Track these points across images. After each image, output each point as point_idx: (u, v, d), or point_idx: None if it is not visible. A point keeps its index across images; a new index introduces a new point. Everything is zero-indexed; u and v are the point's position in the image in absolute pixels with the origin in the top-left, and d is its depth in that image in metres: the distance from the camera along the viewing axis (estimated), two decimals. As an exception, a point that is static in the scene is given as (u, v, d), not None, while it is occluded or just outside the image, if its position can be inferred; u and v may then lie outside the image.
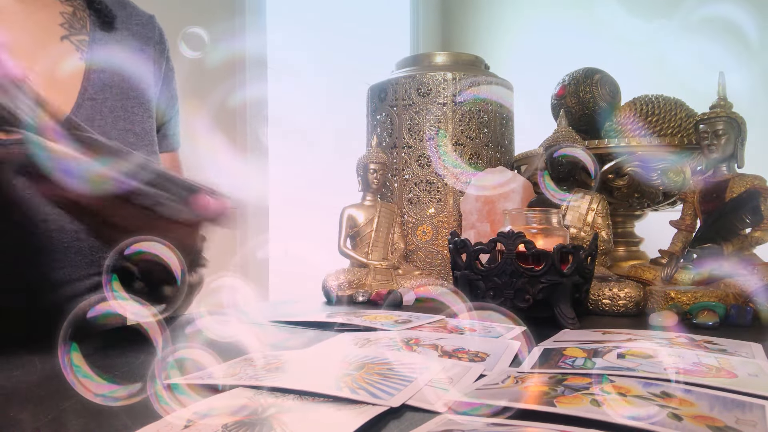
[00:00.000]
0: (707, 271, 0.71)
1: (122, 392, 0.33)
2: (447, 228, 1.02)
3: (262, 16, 1.75)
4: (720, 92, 0.79)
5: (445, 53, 1.10)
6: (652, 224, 1.16)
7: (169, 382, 0.38)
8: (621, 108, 1.08)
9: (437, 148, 0.66)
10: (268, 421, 0.31)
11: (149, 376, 0.37)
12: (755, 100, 1.44)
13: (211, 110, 1.57)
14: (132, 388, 0.33)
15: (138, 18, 0.81)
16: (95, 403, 0.36)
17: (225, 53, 1.63)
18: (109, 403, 0.32)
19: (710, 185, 0.79)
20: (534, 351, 0.49)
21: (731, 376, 0.40)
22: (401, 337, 0.53)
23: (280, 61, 1.86)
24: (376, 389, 0.36)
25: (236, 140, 1.65)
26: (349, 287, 0.88)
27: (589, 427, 0.30)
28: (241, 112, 1.67)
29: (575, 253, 0.65)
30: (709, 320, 0.63)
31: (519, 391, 0.36)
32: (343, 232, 0.95)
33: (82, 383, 0.31)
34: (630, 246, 1.11)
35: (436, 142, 0.67)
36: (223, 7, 1.62)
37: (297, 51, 1.97)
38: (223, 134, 1.61)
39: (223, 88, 1.63)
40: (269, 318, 0.68)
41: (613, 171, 0.98)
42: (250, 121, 1.68)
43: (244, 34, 1.67)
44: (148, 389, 0.33)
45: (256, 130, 1.71)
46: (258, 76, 1.73)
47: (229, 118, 1.64)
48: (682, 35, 1.89)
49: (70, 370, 0.31)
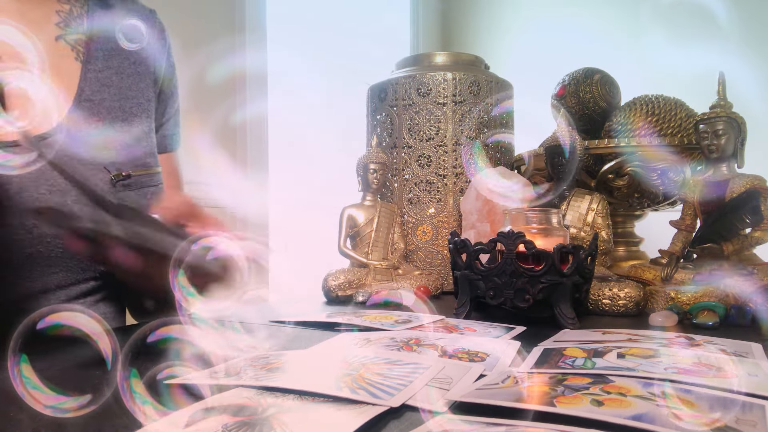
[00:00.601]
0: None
1: (72, 403, 0.33)
2: (447, 228, 1.02)
3: (262, 15, 1.74)
4: (720, 92, 0.79)
5: (445, 53, 1.10)
6: (652, 224, 1.16)
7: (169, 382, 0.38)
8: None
9: (471, 157, 0.65)
10: (268, 421, 0.31)
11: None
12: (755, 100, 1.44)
13: (210, 109, 1.58)
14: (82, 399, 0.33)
15: (138, 13, 0.78)
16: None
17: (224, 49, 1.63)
18: (58, 414, 0.32)
19: (710, 185, 0.79)
20: (534, 351, 0.49)
21: (731, 376, 0.40)
22: (401, 337, 0.53)
23: (280, 61, 1.86)
24: (376, 389, 0.36)
25: (236, 140, 1.64)
26: (349, 287, 0.88)
27: (589, 427, 0.30)
28: (241, 112, 1.66)
29: (575, 253, 0.65)
30: (709, 320, 0.63)
31: (519, 391, 0.36)
32: (343, 232, 0.95)
33: (32, 394, 0.31)
34: (630, 246, 1.11)
35: (469, 152, 0.66)
36: (223, 6, 1.62)
37: (297, 51, 1.97)
38: (223, 134, 1.61)
39: (223, 86, 1.63)
40: (269, 318, 0.68)
41: (613, 171, 0.98)
42: (251, 121, 1.68)
43: (244, 33, 1.67)
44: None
45: (257, 130, 1.70)
46: (258, 74, 1.72)
47: (229, 117, 1.64)
48: (683, 35, 1.89)
49: (19, 382, 0.31)
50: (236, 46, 1.65)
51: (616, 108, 1.13)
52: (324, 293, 0.88)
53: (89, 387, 0.39)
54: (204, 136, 0.94)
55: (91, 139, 0.67)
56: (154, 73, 0.77)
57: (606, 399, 0.34)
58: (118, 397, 0.33)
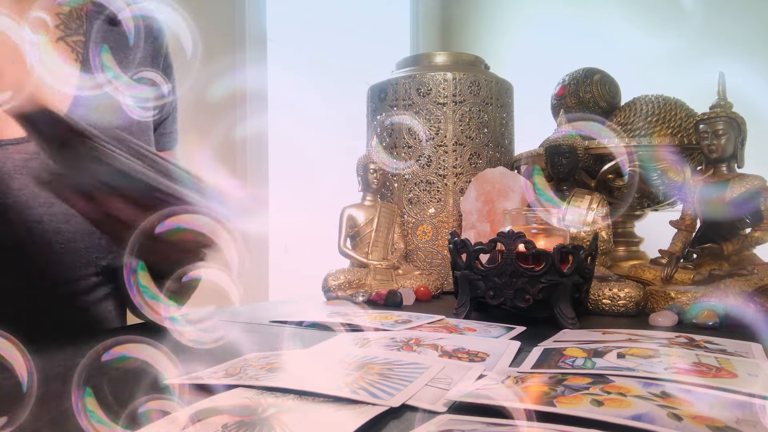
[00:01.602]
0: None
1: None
2: (447, 228, 1.02)
3: (262, 15, 1.74)
4: (720, 92, 0.79)
5: (445, 53, 1.10)
6: (652, 224, 1.16)
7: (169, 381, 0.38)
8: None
9: (533, 183, 0.65)
10: (268, 421, 0.31)
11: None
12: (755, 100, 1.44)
13: (209, 109, 1.58)
14: None
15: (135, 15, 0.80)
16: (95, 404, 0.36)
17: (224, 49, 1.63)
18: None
19: (710, 185, 0.79)
20: (534, 351, 0.49)
21: (731, 376, 0.40)
22: (401, 337, 0.53)
23: (281, 61, 1.86)
24: (376, 389, 0.36)
25: (236, 140, 1.64)
26: (349, 287, 0.88)
27: (589, 427, 0.30)
28: (241, 112, 1.67)
29: (575, 253, 0.65)
30: (709, 320, 0.63)
31: (519, 391, 0.36)
32: (343, 232, 0.95)
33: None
34: (630, 246, 1.11)
35: (530, 176, 0.66)
36: (223, 6, 1.62)
37: (297, 51, 1.97)
38: (222, 135, 1.61)
39: (224, 88, 1.63)
40: (269, 318, 0.68)
41: (613, 171, 0.98)
42: (251, 122, 1.68)
43: (244, 33, 1.67)
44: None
45: (257, 130, 1.70)
46: (258, 76, 1.72)
47: (228, 117, 1.64)
48: (683, 35, 1.89)
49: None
50: (236, 46, 1.65)
51: (616, 108, 1.13)
52: (324, 293, 0.88)
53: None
54: (204, 135, 0.94)
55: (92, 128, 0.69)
56: (153, 73, 0.78)
57: (606, 399, 0.34)
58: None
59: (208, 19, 1.56)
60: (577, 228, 0.85)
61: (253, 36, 1.70)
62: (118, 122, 0.72)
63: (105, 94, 0.72)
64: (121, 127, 0.71)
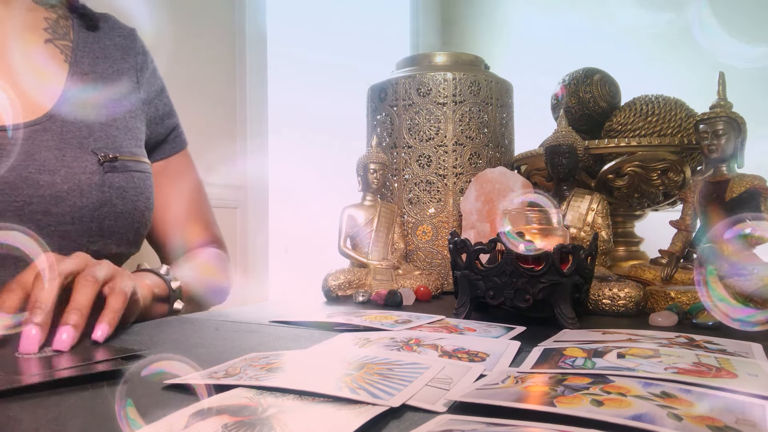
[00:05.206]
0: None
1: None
2: (447, 228, 1.02)
3: (262, 15, 1.74)
4: (720, 92, 0.79)
5: (445, 53, 1.10)
6: (652, 224, 1.16)
7: (169, 382, 0.38)
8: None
9: (706, 282, 0.64)
10: (268, 421, 0.31)
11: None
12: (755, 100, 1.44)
13: (209, 109, 1.58)
14: None
15: (120, 30, 0.86)
16: (95, 404, 0.36)
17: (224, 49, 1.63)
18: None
19: (710, 185, 0.79)
20: (534, 351, 0.49)
21: (731, 376, 0.40)
22: (401, 337, 0.53)
23: (280, 61, 1.86)
24: (376, 389, 0.36)
25: (236, 141, 1.64)
26: (349, 287, 0.88)
27: (589, 427, 0.30)
28: (241, 111, 1.66)
29: (575, 253, 0.65)
30: (709, 320, 0.63)
31: (519, 391, 0.36)
32: (343, 232, 0.95)
33: None
34: (630, 246, 1.11)
35: (704, 274, 0.65)
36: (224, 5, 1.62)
37: (297, 51, 1.97)
38: (223, 135, 1.61)
39: (223, 85, 1.63)
40: (269, 318, 0.68)
41: (613, 171, 0.98)
42: (250, 122, 1.68)
43: (244, 33, 1.67)
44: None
45: (257, 129, 1.70)
46: (258, 75, 1.72)
47: (228, 117, 1.64)
48: (683, 35, 1.89)
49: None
50: (236, 44, 1.65)
51: (616, 108, 1.13)
52: (324, 293, 0.88)
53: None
54: (204, 135, 0.98)
55: (78, 127, 0.72)
56: (137, 82, 0.83)
57: (606, 399, 0.34)
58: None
59: (208, 19, 1.56)
60: (577, 228, 0.85)
61: (253, 36, 1.70)
62: (101, 119, 0.75)
63: (90, 92, 0.75)
64: (105, 124, 0.75)
